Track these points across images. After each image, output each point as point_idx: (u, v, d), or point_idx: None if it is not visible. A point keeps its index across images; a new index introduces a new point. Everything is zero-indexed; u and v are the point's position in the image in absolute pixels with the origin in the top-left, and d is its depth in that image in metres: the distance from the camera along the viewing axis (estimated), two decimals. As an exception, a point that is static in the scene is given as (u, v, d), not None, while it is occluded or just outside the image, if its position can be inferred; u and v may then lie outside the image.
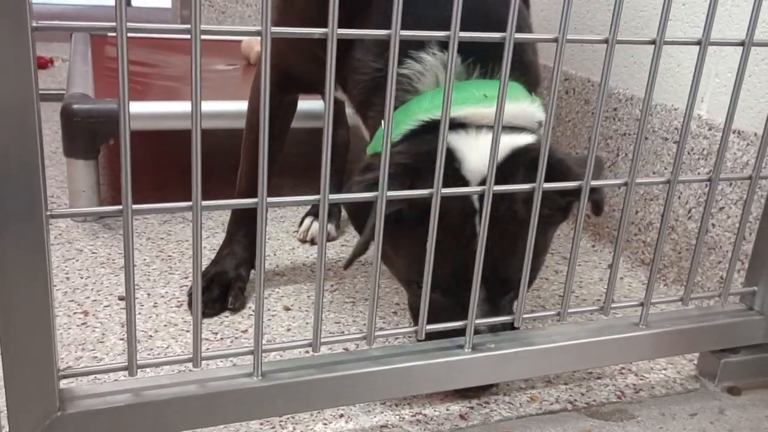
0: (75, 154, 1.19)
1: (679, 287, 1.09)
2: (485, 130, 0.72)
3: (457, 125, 0.72)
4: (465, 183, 0.71)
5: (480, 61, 0.74)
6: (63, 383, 0.56)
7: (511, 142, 0.72)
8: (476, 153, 0.71)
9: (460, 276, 0.71)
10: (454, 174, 0.71)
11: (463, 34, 0.56)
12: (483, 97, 0.73)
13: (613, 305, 0.75)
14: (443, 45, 0.74)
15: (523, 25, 0.84)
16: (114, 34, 0.47)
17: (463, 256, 0.70)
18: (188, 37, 0.50)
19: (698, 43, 0.67)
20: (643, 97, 0.67)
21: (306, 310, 0.99)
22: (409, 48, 0.74)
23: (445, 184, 0.62)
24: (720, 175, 0.74)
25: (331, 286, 1.07)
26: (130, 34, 0.47)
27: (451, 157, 0.70)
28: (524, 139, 0.73)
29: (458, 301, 0.71)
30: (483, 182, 0.66)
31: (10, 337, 0.52)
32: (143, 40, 1.73)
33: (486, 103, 0.72)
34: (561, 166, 0.68)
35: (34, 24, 0.45)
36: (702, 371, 0.88)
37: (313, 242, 1.22)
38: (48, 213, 0.50)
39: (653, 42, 0.64)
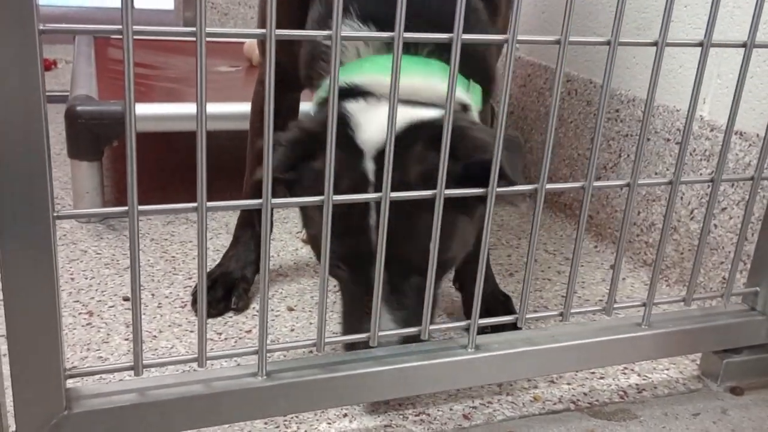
0: (79, 155, 1.20)
1: (682, 288, 1.09)
2: (385, 101, 0.69)
3: (361, 93, 0.70)
4: (359, 152, 0.68)
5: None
6: (69, 383, 0.56)
7: (410, 114, 0.69)
8: (373, 123, 0.69)
9: (359, 252, 0.68)
10: (349, 142, 0.68)
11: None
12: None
13: (615, 306, 0.75)
14: (365, 17, 0.72)
15: (473, 19, 0.78)
16: (119, 36, 0.48)
17: (359, 231, 0.68)
18: (193, 39, 0.50)
19: (700, 44, 0.67)
20: (646, 99, 0.67)
21: (309, 311, 0.99)
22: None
23: (339, 151, 0.61)
24: (722, 176, 0.74)
25: (334, 286, 1.07)
26: (134, 37, 0.48)
27: (347, 125, 0.68)
28: (426, 114, 0.70)
29: (364, 279, 0.69)
30: (378, 152, 0.65)
31: (17, 337, 0.52)
32: (145, 41, 1.74)
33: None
34: (456, 133, 0.63)
35: (42, 27, 0.45)
36: (705, 371, 0.88)
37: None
38: (55, 214, 0.50)
39: (655, 44, 0.65)
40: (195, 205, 0.54)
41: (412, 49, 0.72)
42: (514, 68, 1.40)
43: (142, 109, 1.22)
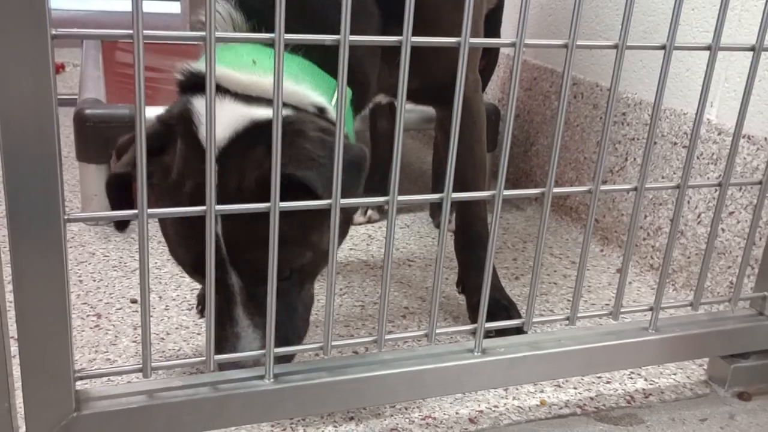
0: (87, 158, 1.20)
1: (689, 292, 1.09)
2: (233, 97, 0.65)
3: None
4: (201, 150, 0.63)
5: (269, 24, 0.62)
6: (78, 384, 0.56)
7: (251, 114, 0.65)
8: (217, 120, 0.64)
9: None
10: (193, 140, 0.65)
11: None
12: (251, 63, 0.66)
13: (622, 310, 0.75)
14: (242, 2, 0.69)
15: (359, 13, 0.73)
16: (128, 40, 0.48)
17: (203, 235, 0.63)
18: (202, 43, 0.51)
19: (708, 48, 0.67)
20: (653, 102, 0.67)
21: (315, 314, 0.99)
22: None
23: (184, 148, 0.60)
24: (730, 180, 0.74)
25: (340, 289, 1.07)
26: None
27: (191, 122, 0.65)
28: (256, 113, 0.65)
29: (219, 287, 0.64)
30: (220, 152, 0.63)
31: (27, 339, 0.52)
32: (151, 45, 1.74)
33: (250, 69, 0.66)
34: (287, 140, 0.59)
35: (54, 32, 0.46)
36: (712, 376, 0.88)
37: (352, 223, 1.30)
38: (65, 217, 0.50)
39: (663, 47, 0.65)
40: (203, 208, 0.55)
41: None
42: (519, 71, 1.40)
43: (150, 112, 1.23)
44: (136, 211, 0.52)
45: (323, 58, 0.70)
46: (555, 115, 1.46)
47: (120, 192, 0.68)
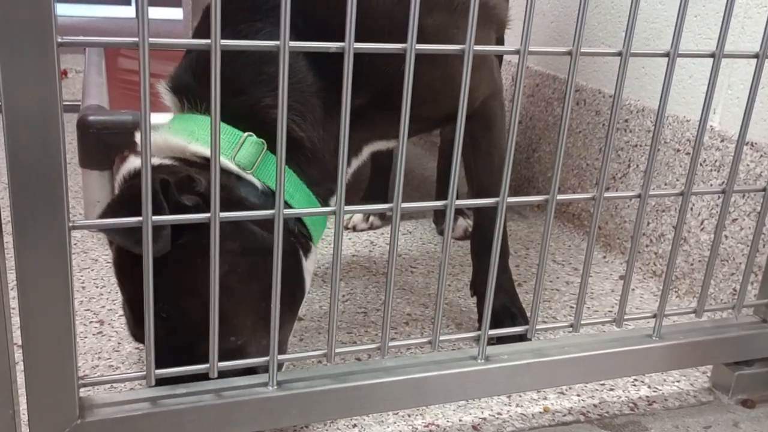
0: (90, 164, 1.20)
1: (692, 299, 1.09)
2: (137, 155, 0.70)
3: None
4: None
5: (190, 96, 0.72)
6: (82, 392, 0.56)
7: (137, 163, 0.69)
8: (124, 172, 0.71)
9: (135, 307, 0.67)
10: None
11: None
12: (168, 128, 0.72)
13: (626, 317, 0.75)
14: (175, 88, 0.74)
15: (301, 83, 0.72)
16: (133, 47, 0.48)
17: (134, 283, 0.64)
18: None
19: (712, 55, 0.67)
20: (656, 109, 0.67)
21: (318, 320, 0.99)
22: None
23: None
24: (734, 187, 0.74)
25: (343, 296, 1.07)
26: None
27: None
28: (157, 161, 0.69)
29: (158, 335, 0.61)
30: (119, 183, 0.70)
31: (31, 346, 0.52)
32: (153, 51, 1.75)
33: (164, 131, 0.71)
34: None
35: (60, 40, 0.46)
36: (716, 384, 0.88)
37: (354, 229, 1.35)
38: (70, 224, 0.50)
39: (667, 54, 0.65)
40: (208, 215, 0.55)
41: (194, 108, 0.72)
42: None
43: (153, 118, 1.23)
44: (140, 218, 0.52)
45: (235, 117, 0.70)
46: (557, 122, 1.47)
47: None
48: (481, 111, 0.89)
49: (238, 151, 0.69)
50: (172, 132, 0.71)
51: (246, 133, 0.70)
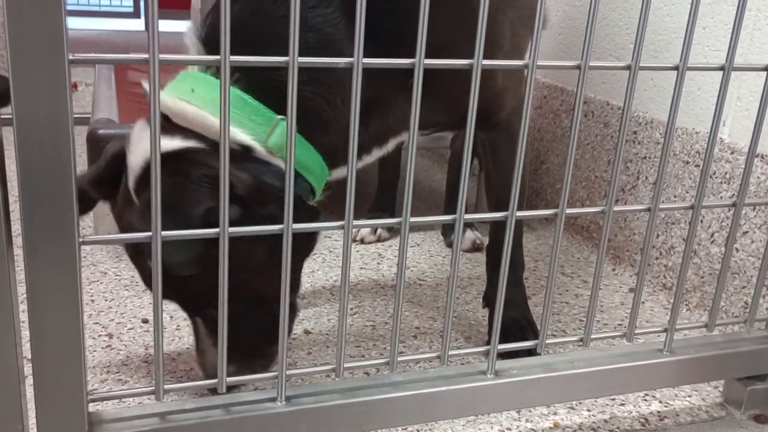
0: (99, 177, 1.21)
1: (702, 312, 1.08)
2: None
3: None
4: (125, 176, 0.69)
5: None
6: (91, 406, 0.56)
7: (165, 145, 0.64)
8: (139, 146, 0.67)
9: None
10: (125, 166, 0.69)
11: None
12: (190, 90, 0.66)
13: (636, 331, 0.74)
14: (206, 39, 0.70)
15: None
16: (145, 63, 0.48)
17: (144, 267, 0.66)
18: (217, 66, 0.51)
19: (722, 68, 0.67)
20: (667, 122, 0.67)
21: (326, 334, 0.99)
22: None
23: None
24: (745, 200, 0.73)
25: (351, 309, 1.07)
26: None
27: (124, 148, 0.69)
28: (180, 144, 0.65)
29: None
30: (137, 178, 0.67)
31: (41, 360, 0.52)
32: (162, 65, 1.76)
33: (185, 97, 0.66)
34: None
35: (71, 57, 0.46)
36: (728, 398, 0.87)
37: (362, 242, 1.35)
38: (80, 239, 0.50)
39: (676, 68, 0.65)
40: (217, 230, 0.55)
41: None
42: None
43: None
44: (150, 234, 0.52)
45: (267, 93, 0.66)
46: (565, 133, 1.47)
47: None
48: (506, 124, 0.87)
49: (270, 134, 0.66)
50: (197, 100, 0.64)
51: (279, 117, 0.66)
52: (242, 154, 0.66)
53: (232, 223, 0.54)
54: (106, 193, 0.70)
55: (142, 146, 0.68)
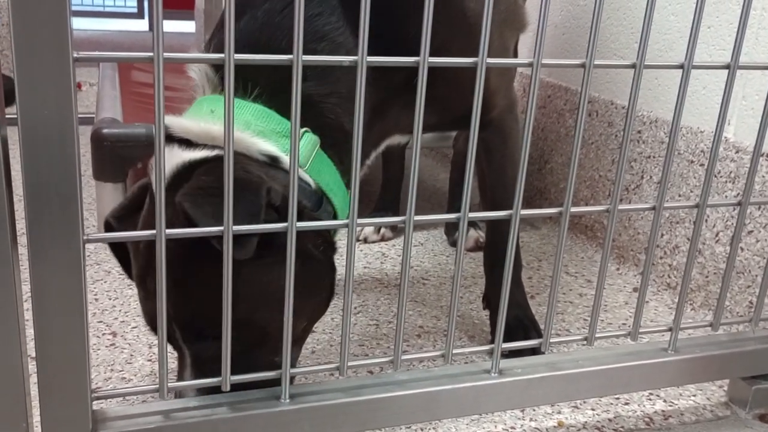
0: (104, 177, 1.21)
1: (707, 311, 1.08)
2: (180, 144, 0.66)
3: (169, 136, 0.66)
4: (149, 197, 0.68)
5: (242, 76, 0.64)
6: (95, 404, 0.56)
7: (191, 155, 0.64)
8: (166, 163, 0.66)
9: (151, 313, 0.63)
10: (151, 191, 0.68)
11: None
12: (209, 112, 0.67)
13: (641, 330, 0.74)
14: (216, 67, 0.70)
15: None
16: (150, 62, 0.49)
17: (149, 290, 0.62)
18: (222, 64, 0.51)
19: (727, 67, 0.67)
20: (671, 121, 0.67)
21: (330, 332, 0.99)
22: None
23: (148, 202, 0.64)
24: (750, 199, 0.73)
25: (355, 308, 1.07)
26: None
27: (148, 183, 0.68)
28: (196, 155, 0.65)
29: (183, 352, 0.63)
30: (168, 183, 0.63)
31: (45, 359, 0.52)
32: (166, 64, 1.76)
33: (208, 118, 0.66)
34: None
35: (76, 55, 0.46)
36: (733, 398, 0.86)
37: (365, 241, 1.35)
38: (85, 238, 0.51)
39: (681, 66, 0.65)
40: (221, 228, 0.55)
41: (240, 90, 0.66)
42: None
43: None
44: (153, 232, 0.53)
45: (285, 106, 0.64)
46: (569, 133, 1.46)
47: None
48: (498, 123, 0.89)
49: None
50: (219, 119, 0.64)
51: (303, 129, 0.66)
52: (270, 165, 0.66)
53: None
54: (133, 226, 0.69)
55: (167, 163, 0.66)
